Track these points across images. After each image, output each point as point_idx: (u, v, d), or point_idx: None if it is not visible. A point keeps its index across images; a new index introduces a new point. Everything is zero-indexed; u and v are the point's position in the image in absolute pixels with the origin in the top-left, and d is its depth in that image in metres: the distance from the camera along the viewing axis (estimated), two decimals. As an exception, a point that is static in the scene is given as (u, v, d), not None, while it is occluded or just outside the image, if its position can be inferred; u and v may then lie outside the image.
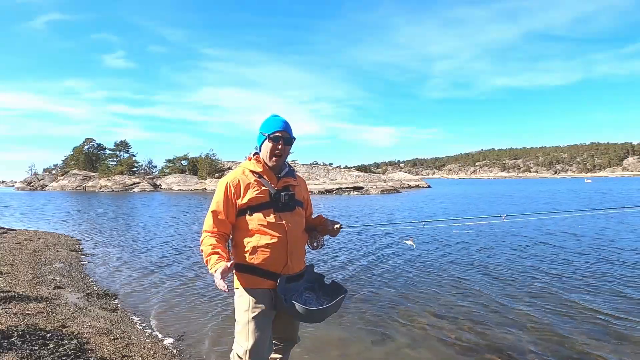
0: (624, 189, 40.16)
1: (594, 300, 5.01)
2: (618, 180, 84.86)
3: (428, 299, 5.27)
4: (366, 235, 10.70)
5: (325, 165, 63.45)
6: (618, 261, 7.16)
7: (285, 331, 2.36)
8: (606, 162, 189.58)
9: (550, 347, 3.73)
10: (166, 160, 77.53)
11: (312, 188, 41.36)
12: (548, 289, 5.56)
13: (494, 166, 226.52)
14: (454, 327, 4.26)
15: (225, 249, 2.13)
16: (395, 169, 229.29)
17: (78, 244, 10.23)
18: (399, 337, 4.06)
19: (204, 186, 59.87)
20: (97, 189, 64.20)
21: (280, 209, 2.21)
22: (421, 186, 55.72)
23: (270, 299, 2.17)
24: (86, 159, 79.98)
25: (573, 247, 8.64)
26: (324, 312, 2.17)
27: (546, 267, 6.82)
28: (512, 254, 7.99)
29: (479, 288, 5.68)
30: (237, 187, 2.20)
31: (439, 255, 8.10)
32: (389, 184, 46.74)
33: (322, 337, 4.02)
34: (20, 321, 3.75)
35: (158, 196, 42.21)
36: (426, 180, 74.48)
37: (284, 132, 2.25)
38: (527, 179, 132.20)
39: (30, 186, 76.60)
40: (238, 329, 2.18)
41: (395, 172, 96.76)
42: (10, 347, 3.09)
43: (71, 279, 6.29)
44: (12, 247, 8.72)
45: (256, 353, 2.11)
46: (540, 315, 4.55)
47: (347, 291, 2.30)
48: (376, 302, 5.14)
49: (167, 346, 3.80)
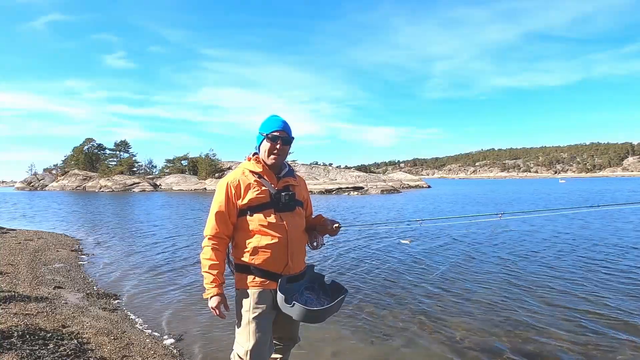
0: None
1: (601, 301, 5.01)
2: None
3: (425, 298, 5.26)
4: (365, 235, 10.70)
5: (325, 165, 63.48)
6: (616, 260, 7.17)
7: (285, 331, 2.35)
8: (606, 162, 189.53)
9: (550, 347, 3.73)
10: (166, 160, 77.63)
11: (312, 188, 41.35)
12: (548, 288, 5.56)
13: (494, 166, 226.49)
14: (452, 327, 4.25)
15: (223, 264, 2.20)
16: (395, 169, 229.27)
17: (78, 244, 10.23)
18: (396, 336, 4.05)
19: (204, 186, 59.85)
20: (97, 189, 64.17)
21: (280, 209, 2.21)
22: (421, 186, 55.72)
23: (271, 299, 2.17)
24: (86, 159, 79.88)
25: (572, 245, 8.64)
26: (325, 312, 2.17)
27: (546, 267, 6.82)
28: (511, 254, 7.98)
29: (477, 287, 5.68)
30: (238, 188, 2.20)
31: (436, 254, 8.10)
32: (389, 184, 46.74)
33: (319, 336, 4.01)
34: (20, 321, 3.75)
35: (158, 196, 42.20)
36: (426, 180, 74.48)
37: (282, 132, 2.25)
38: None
39: (30, 186, 76.53)
40: (239, 330, 2.19)
41: (395, 172, 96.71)
42: (10, 347, 3.09)
43: (71, 279, 6.29)
44: (12, 247, 8.71)
45: (257, 353, 2.11)
46: (541, 315, 4.55)
47: (347, 291, 2.30)
48: (373, 302, 5.14)
49: (167, 346, 3.79)
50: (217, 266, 2.15)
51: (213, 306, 2.14)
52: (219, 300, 2.14)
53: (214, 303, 2.13)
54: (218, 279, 2.15)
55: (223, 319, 2.20)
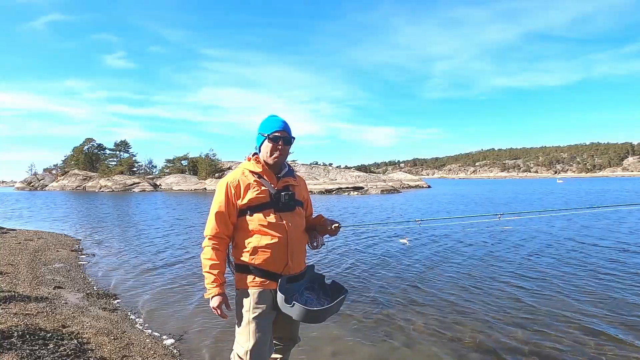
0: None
1: (599, 304, 5.01)
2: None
3: (424, 298, 5.26)
4: (364, 235, 10.71)
5: (325, 165, 63.51)
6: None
7: (285, 331, 2.35)
8: (606, 162, 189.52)
9: (551, 348, 3.73)
10: (166, 160, 77.66)
11: (312, 188, 41.36)
12: (548, 288, 5.56)
13: (494, 166, 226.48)
14: (452, 327, 4.25)
15: (223, 264, 2.20)
16: (395, 169, 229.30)
17: (78, 243, 10.23)
18: (396, 336, 4.05)
19: (204, 186, 59.87)
20: (97, 189, 64.17)
21: (280, 209, 2.21)
22: (421, 186, 55.73)
23: (271, 299, 2.17)
24: (86, 159, 79.87)
25: (571, 244, 8.64)
26: (325, 313, 2.17)
27: (546, 266, 6.82)
28: (511, 254, 7.99)
29: (477, 287, 5.68)
30: (237, 188, 2.20)
31: (435, 254, 8.11)
32: (389, 184, 46.75)
33: (319, 336, 4.02)
34: (20, 321, 3.75)
35: (158, 196, 42.20)
36: (426, 180, 74.48)
37: (283, 132, 2.25)
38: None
39: (30, 186, 76.52)
40: (239, 330, 2.19)
41: (395, 172, 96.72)
42: (10, 347, 3.09)
43: (71, 279, 6.29)
44: (12, 247, 8.72)
45: (257, 353, 2.11)
46: (540, 315, 4.55)
47: (347, 291, 2.30)
48: (373, 301, 5.14)
49: (167, 346, 3.79)
50: (217, 266, 2.16)
51: (214, 306, 2.14)
52: (220, 300, 2.14)
53: (215, 303, 2.14)
54: (219, 279, 2.15)
55: (225, 318, 2.20)
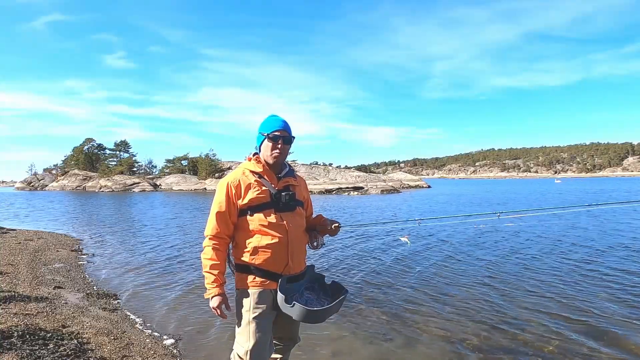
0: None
1: (602, 303, 5.01)
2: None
3: (424, 298, 5.26)
4: (364, 234, 10.71)
5: (325, 165, 63.50)
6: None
7: (285, 331, 2.36)
8: (606, 162, 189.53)
9: (551, 348, 3.73)
10: (166, 160, 77.59)
11: (312, 188, 41.35)
12: (549, 287, 5.56)
13: (494, 166, 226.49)
14: (451, 327, 4.25)
15: (224, 264, 2.20)
16: (395, 169, 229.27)
17: (78, 244, 10.22)
18: (396, 336, 4.05)
19: (204, 186, 59.85)
20: (97, 189, 64.15)
21: (281, 209, 2.21)
22: (421, 186, 55.71)
23: (271, 299, 2.17)
24: (86, 159, 79.85)
25: (572, 244, 8.63)
26: (325, 313, 2.17)
27: (546, 266, 6.82)
28: (510, 253, 7.98)
29: (477, 287, 5.68)
30: (238, 188, 2.20)
31: (434, 254, 8.10)
32: (389, 184, 46.74)
33: (319, 336, 4.01)
34: (20, 321, 3.75)
35: (158, 196, 42.19)
36: (426, 180, 74.46)
37: (283, 131, 2.25)
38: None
39: (30, 186, 76.50)
40: (239, 330, 2.19)
41: (395, 172, 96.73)
42: (10, 347, 3.09)
43: (71, 279, 6.29)
44: (12, 247, 8.71)
45: (257, 353, 2.11)
46: (540, 314, 4.55)
47: (347, 291, 2.30)
48: (373, 302, 5.13)
49: (167, 346, 3.79)
50: (218, 266, 2.15)
51: (214, 306, 2.14)
52: (220, 300, 2.14)
53: (215, 303, 2.14)
54: (219, 278, 2.15)
55: (225, 319, 2.20)
